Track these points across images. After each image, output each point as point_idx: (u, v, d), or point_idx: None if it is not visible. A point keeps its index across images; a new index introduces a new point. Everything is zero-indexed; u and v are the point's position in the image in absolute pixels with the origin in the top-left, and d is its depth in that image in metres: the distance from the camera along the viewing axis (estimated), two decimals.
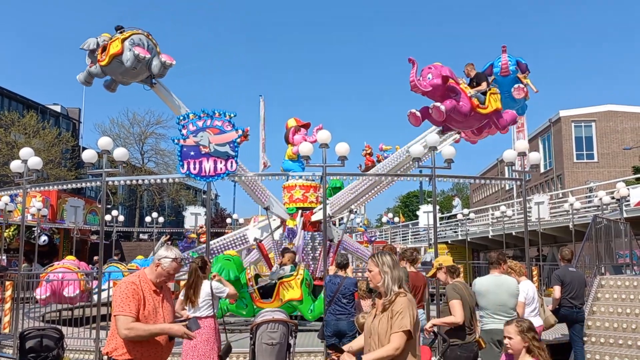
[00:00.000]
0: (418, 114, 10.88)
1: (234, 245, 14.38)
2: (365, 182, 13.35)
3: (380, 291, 3.52)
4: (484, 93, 11.09)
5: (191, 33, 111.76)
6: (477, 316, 5.91)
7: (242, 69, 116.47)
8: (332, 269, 8.16)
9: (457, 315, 5.35)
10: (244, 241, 14.57)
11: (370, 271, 3.56)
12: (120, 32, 11.44)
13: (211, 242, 13.54)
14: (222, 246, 14.52)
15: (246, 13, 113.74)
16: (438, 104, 10.46)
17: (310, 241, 13.70)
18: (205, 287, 6.21)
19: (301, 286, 10.15)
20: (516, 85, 11.49)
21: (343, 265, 7.48)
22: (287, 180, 14.00)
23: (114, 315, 3.76)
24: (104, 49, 11.35)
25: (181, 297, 6.51)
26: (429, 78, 10.45)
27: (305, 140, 12.68)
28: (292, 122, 15.28)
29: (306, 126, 15.53)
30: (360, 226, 23.37)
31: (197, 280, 6.15)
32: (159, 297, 3.98)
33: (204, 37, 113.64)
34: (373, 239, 22.18)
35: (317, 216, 13.76)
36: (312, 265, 13.63)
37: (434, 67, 10.58)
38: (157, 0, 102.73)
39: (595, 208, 19.77)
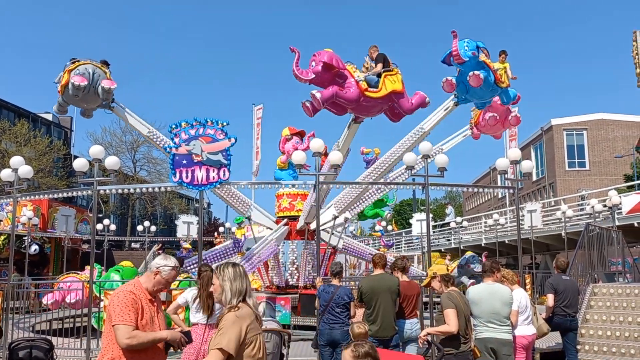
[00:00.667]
0: (308, 104, 10.56)
1: (227, 254, 14.32)
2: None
3: (223, 304, 3.32)
4: (380, 75, 10.71)
5: (188, 39, 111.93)
6: (472, 325, 5.88)
7: (240, 75, 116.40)
8: (318, 281, 8.16)
9: (451, 324, 5.33)
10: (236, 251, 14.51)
11: (213, 284, 3.39)
12: (73, 63, 12.00)
13: (206, 252, 13.46)
14: (216, 255, 14.45)
15: (244, 18, 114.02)
16: (314, 91, 10.21)
17: (295, 249, 13.63)
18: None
19: None
20: (471, 73, 11.00)
21: (336, 273, 7.45)
22: (279, 189, 14.01)
23: (113, 325, 3.65)
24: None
25: (179, 301, 6.47)
26: (312, 66, 10.24)
27: (297, 149, 12.68)
28: (285, 132, 15.29)
29: (301, 134, 15.54)
30: (378, 231, 23.07)
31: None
32: (154, 306, 3.92)
33: (201, 42, 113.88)
34: (390, 243, 21.89)
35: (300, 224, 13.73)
36: (297, 274, 13.57)
37: (319, 54, 10.35)
38: (154, 8, 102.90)
39: (588, 216, 19.86)
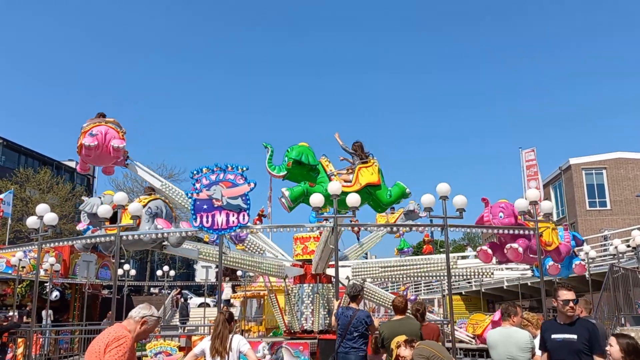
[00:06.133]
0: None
1: None
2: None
3: None
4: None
5: (200, 79, 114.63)
6: None
7: (252, 117, 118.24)
8: (335, 304, 8.07)
9: None
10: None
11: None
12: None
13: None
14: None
15: (249, 57, 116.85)
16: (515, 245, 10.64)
17: (310, 293, 13.52)
18: (234, 343, 6.20)
19: None
20: (550, 263, 11.67)
21: (354, 297, 7.38)
22: (297, 232, 14.08)
23: None
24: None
25: (195, 351, 6.45)
26: (500, 217, 10.72)
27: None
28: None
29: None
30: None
31: (224, 332, 6.13)
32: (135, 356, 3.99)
33: (212, 85, 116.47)
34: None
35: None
36: (313, 319, 13.41)
37: (505, 205, 10.81)
38: (172, 55, 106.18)
39: (611, 257, 19.46)
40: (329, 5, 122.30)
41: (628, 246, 17.71)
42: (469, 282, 29.88)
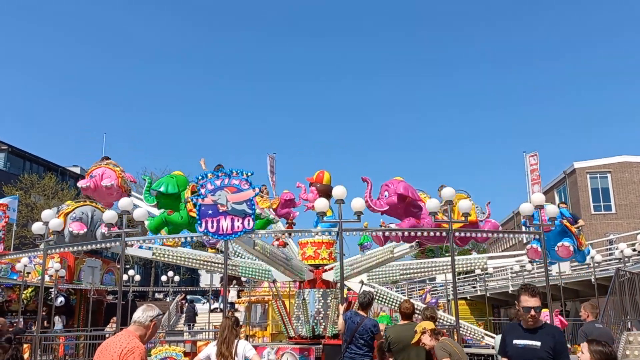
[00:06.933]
0: (380, 234, 11.12)
1: None
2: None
3: None
4: None
5: (201, 85, 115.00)
6: None
7: (256, 123, 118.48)
8: (341, 308, 8.09)
9: None
10: None
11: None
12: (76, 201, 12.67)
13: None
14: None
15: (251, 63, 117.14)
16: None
17: (321, 298, 13.52)
18: (240, 348, 6.21)
19: None
20: (560, 244, 11.93)
21: (366, 305, 7.39)
22: (301, 238, 14.06)
23: None
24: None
25: (200, 356, 6.46)
26: (385, 196, 10.66)
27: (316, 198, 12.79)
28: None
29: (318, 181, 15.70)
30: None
31: (231, 337, 6.16)
32: None
33: (214, 89, 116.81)
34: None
35: (329, 275, 13.62)
36: (324, 324, 13.42)
37: (392, 184, 10.68)
38: (173, 59, 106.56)
39: (617, 261, 19.40)
40: (330, 8, 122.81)
41: (634, 250, 17.68)
42: (474, 287, 29.79)
